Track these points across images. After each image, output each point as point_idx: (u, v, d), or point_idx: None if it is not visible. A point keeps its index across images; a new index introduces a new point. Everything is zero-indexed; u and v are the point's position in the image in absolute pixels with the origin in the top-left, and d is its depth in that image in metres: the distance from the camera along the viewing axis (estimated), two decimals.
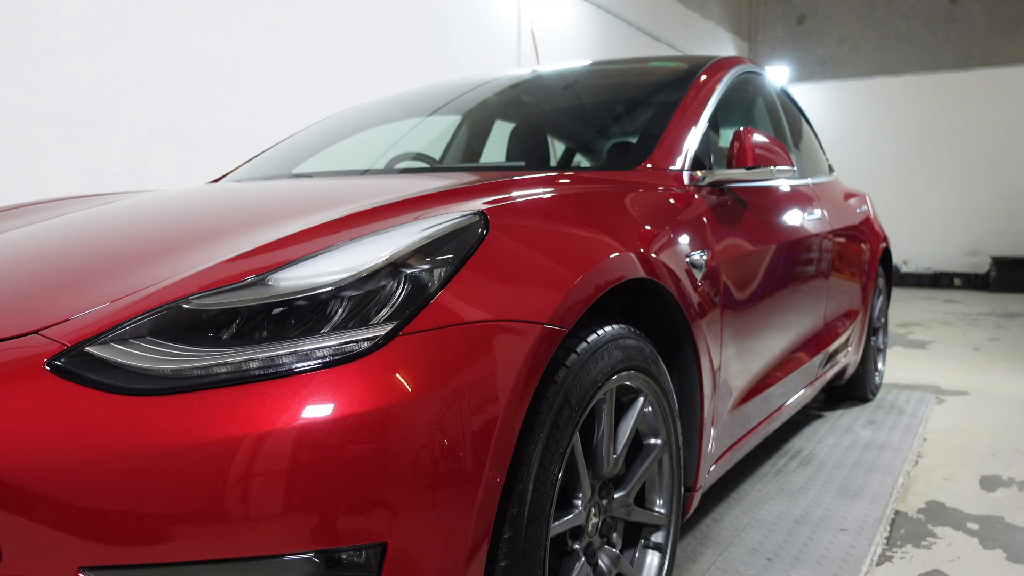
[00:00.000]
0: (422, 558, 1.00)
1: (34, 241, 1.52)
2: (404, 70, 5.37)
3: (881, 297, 3.91)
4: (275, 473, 0.93)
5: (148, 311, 1.04)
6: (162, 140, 3.95)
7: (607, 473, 1.39)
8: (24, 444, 0.93)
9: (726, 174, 1.99)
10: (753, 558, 2.03)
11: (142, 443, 0.93)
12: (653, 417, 1.50)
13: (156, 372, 0.98)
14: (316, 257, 1.11)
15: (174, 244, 1.33)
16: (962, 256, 10.52)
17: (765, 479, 2.66)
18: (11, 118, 3.36)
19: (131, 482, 0.92)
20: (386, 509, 0.96)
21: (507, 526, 1.09)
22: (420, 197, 1.37)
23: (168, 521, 0.92)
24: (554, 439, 1.16)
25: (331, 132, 2.79)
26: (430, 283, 1.09)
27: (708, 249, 1.78)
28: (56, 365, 0.99)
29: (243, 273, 1.09)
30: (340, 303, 1.05)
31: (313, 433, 0.94)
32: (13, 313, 1.12)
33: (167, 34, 3.96)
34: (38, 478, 0.92)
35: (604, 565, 1.40)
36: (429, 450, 0.99)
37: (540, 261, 1.24)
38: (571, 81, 2.73)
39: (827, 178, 3.38)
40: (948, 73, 10.57)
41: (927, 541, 2.16)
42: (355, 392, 0.97)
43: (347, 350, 1.00)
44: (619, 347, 1.34)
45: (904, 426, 3.35)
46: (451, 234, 1.15)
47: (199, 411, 0.95)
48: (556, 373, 1.20)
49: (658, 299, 1.60)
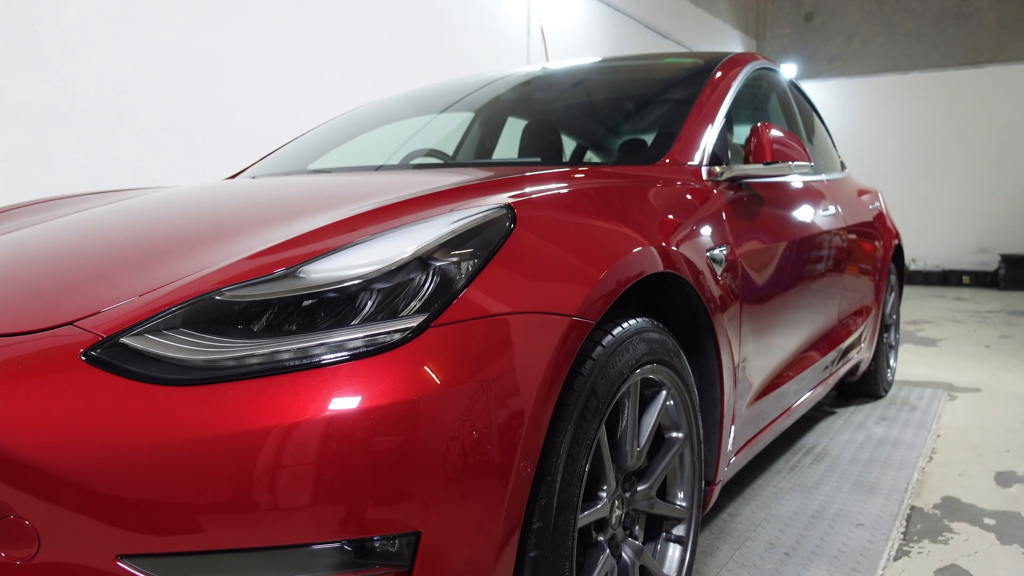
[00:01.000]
0: (455, 548, 1.01)
1: (60, 236, 1.53)
2: (412, 68, 5.38)
3: (893, 294, 3.90)
4: (309, 462, 0.94)
5: (181, 303, 1.05)
6: (172, 138, 3.97)
7: (630, 466, 1.39)
8: (61, 433, 0.94)
9: (744, 169, 1.99)
10: (771, 552, 2.04)
11: (177, 433, 0.94)
12: (675, 410, 1.51)
13: (190, 363, 0.99)
14: (346, 250, 1.12)
15: (200, 238, 1.34)
16: (971, 254, 10.49)
17: (780, 475, 2.66)
18: (22, 117, 3.38)
19: (166, 471, 0.93)
20: (420, 498, 0.97)
21: (536, 517, 1.10)
22: (446, 191, 1.37)
23: (203, 510, 0.93)
24: (581, 431, 1.17)
25: (344, 129, 2.80)
26: (459, 275, 1.09)
27: (727, 244, 1.79)
28: (92, 356, 1.00)
29: (274, 265, 1.10)
30: (370, 295, 1.06)
31: (346, 423, 0.95)
32: (47, 305, 1.13)
33: (176, 33, 3.98)
34: (75, 467, 0.93)
35: (627, 557, 1.41)
36: (462, 440, 0.99)
37: (566, 254, 1.24)
38: (586, 78, 2.74)
39: (840, 174, 3.37)
40: (957, 70, 10.53)
41: (944, 536, 2.16)
42: (388, 383, 0.97)
43: (379, 341, 1.01)
44: (643, 340, 1.35)
45: (917, 422, 3.35)
46: (479, 227, 1.16)
47: (233, 401, 0.96)
48: (583, 365, 1.20)
49: (679, 294, 1.60)
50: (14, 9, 3.32)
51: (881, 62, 11.02)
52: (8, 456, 0.93)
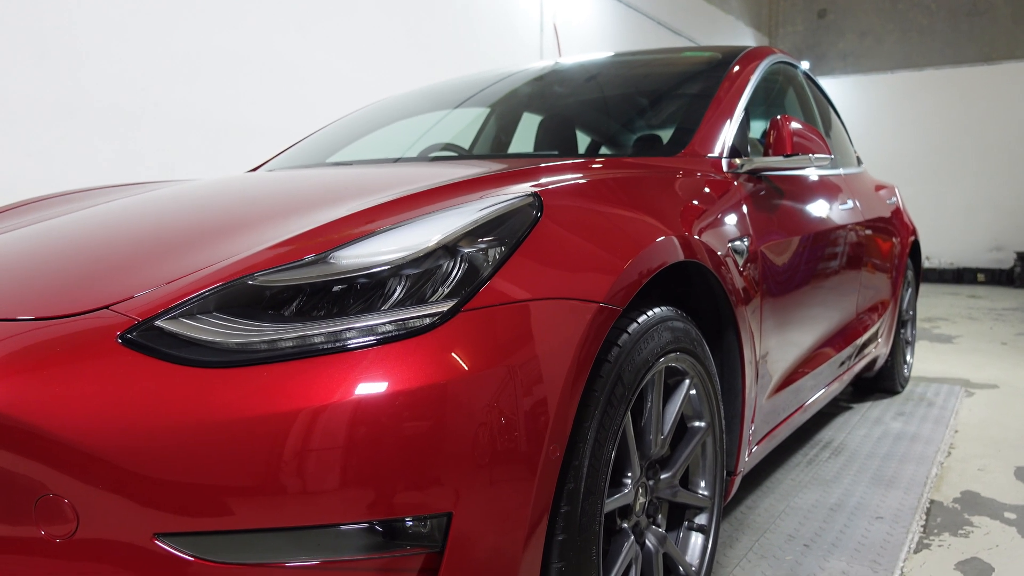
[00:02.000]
0: (485, 529, 1.01)
1: (90, 224, 1.55)
2: (427, 64, 5.40)
3: (910, 289, 3.89)
4: (341, 443, 0.95)
5: (214, 287, 1.07)
6: (192, 133, 4.00)
7: (654, 454, 1.40)
8: (97, 414, 0.95)
9: (765, 161, 2.00)
10: (790, 544, 2.04)
11: (211, 414, 0.95)
12: (698, 400, 1.52)
13: (223, 346, 1.00)
14: (376, 236, 1.13)
15: (228, 226, 1.35)
16: (986, 251, 10.42)
17: (798, 468, 2.66)
18: (47, 112, 3.41)
19: (201, 451, 0.94)
20: (451, 480, 0.98)
21: (564, 501, 1.11)
22: (471, 180, 1.38)
23: (238, 489, 0.94)
24: (608, 416, 1.18)
25: (361, 124, 2.82)
26: (488, 262, 1.10)
27: (748, 236, 1.79)
28: (128, 338, 1.01)
29: (304, 251, 1.11)
30: (400, 281, 1.07)
31: (378, 405, 0.96)
32: (82, 290, 1.15)
33: (196, 29, 4.01)
34: (112, 447, 0.94)
35: (651, 544, 1.41)
36: (492, 423, 1.00)
37: (592, 242, 1.25)
38: (602, 72, 2.74)
39: (857, 169, 3.36)
40: (971, 67, 10.46)
41: (964, 530, 2.15)
42: (419, 366, 0.98)
43: (410, 326, 1.02)
44: (668, 328, 1.35)
45: (935, 418, 3.33)
46: (506, 215, 1.17)
47: (266, 383, 0.97)
48: (609, 352, 1.21)
49: (701, 284, 1.61)
50: (39, 7, 3.35)
51: (895, 59, 10.96)
52: (46, 436, 0.94)
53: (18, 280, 1.27)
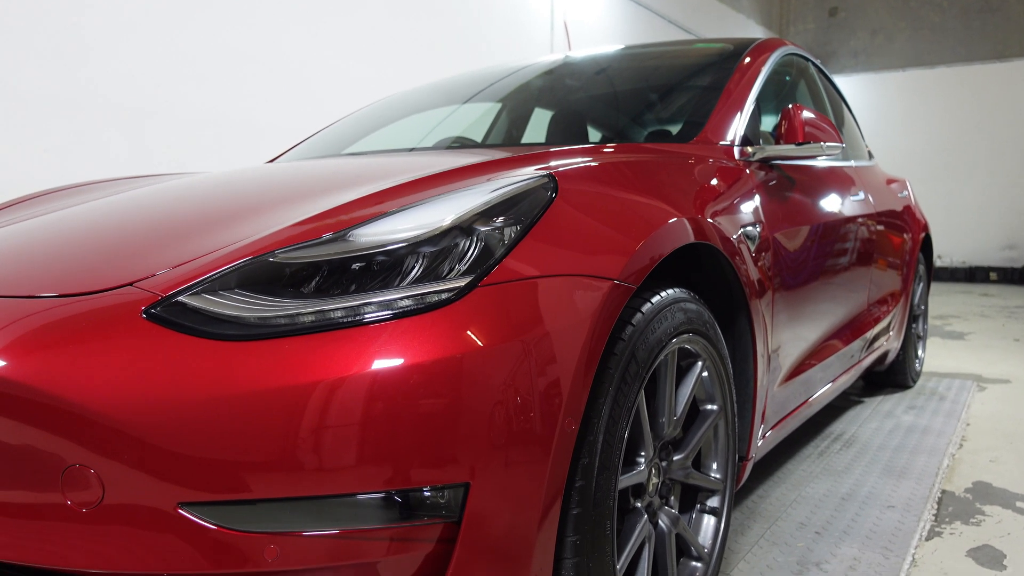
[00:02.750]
0: (502, 502, 1.03)
1: (111, 210, 1.58)
2: (436, 63, 5.42)
3: (921, 284, 3.88)
4: (360, 414, 0.96)
5: (235, 264, 1.09)
6: (201, 130, 4.03)
7: (667, 435, 1.41)
8: (123, 385, 0.97)
9: (776, 150, 2.00)
10: (802, 531, 2.04)
11: (233, 385, 0.97)
12: (710, 382, 1.53)
13: (245, 320, 1.02)
14: (393, 215, 1.15)
15: (247, 209, 1.37)
16: (998, 250, 10.36)
17: (809, 460, 2.66)
18: (56, 109, 3.45)
19: (224, 421, 0.96)
20: (469, 451, 1.00)
21: (579, 475, 1.12)
22: (488, 163, 1.40)
23: (260, 459, 0.96)
24: (622, 394, 1.19)
25: (372, 118, 2.84)
26: (504, 239, 1.12)
27: (760, 222, 1.80)
28: (152, 313, 1.03)
29: (323, 230, 1.13)
30: (418, 258, 1.09)
31: (396, 377, 0.97)
32: (106, 269, 1.17)
33: (205, 28, 4.04)
34: (137, 417, 0.96)
35: (664, 525, 1.43)
36: (509, 396, 1.02)
37: (606, 222, 1.27)
38: (614, 64, 2.75)
39: (869, 163, 3.36)
40: (984, 64, 10.41)
41: (976, 518, 2.15)
42: (437, 339, 1.00)
43: (428, 300, 1.03)
44: (681, 309, 1.37)
45: (946, 411, 3.33)
46: (523, 194, 1.19)
47: (287, 355, 0.99)
48: (623, 331, 1.23)
49: (713, 268, 1.62)
50: (50, 6, 3.39)
51: (906, 57, 10.92)
52: (72, 407, 0.96)
53: (41, 262, 1.30)
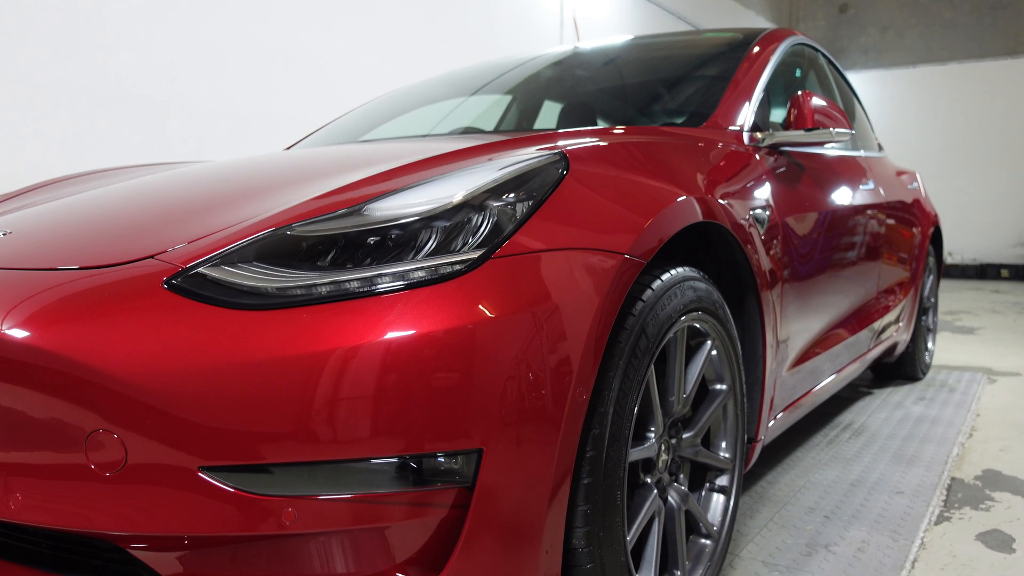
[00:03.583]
0: (515, 469, 1.05)
1: (131, 191, 1.61)
2: (447, 57, 5.44)
3: (931, 276, 3.87)
4: (374, 381, 0.98)
5: (253, 237, 1.11)
6: (218, 121, 4.07)
7: (677, 412, 1.43)
8: (146, 354, 1.00)
9: (786, 135, 2.02)
10: (810, 516, 2.05)
11: (252, 353, 0.99)
12: (719, 362, 1.54)
13: (262, 290, 1.05)
14: (408, 190, 1.17)
15: (265, 188, 1.40)
16: (1010, 247, 10.31)
17: (818, 448, 2.67)
18: (78, 101, 3.49)
19: (242, 388, 0.98)
20: (482, 416, 1.02)
21: (590, 445, 1.14)
22: (500, 142, 1.42)
23: (277, 424, 0.98)
24: (632, 367, 1.21)
25: (385, 109, 2.86)
26: (516, 214, 1.14)
27: (770, 207, 1.81)
28: (172, 284, 1.06)
29: (338, 205, 1.15)
30: (432, 232, 1.11)
31: (410, 345, 0.99)
32: (127, 243, 1.20)
33: (223, 21, 4.08)
34: (160, 385, 0.98)
35: (674, 501, 1.44)
36: (522, 363, 1.04)
37: (616, 200, 1.29)
38: (624, 54, 2.77)
39: (878, 154, 3.37)
40: (995, 60, 10.35)
41: (985, 504, 2.16)
42: (451, 308, 1.02)
43: (441, 271, 1.05)
44: (690, 288, 1.38)
45: (956, 402, 3.33)
46: (534, 171, 1.21)
47: (304, 323, 1.01)
48: (633, 306, 1.25)
49: (723, 250, 1.63)
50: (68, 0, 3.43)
51: (917, 53, 10.87)
52: (97, 374, 0.99)
53: (63, 238, 1.33)
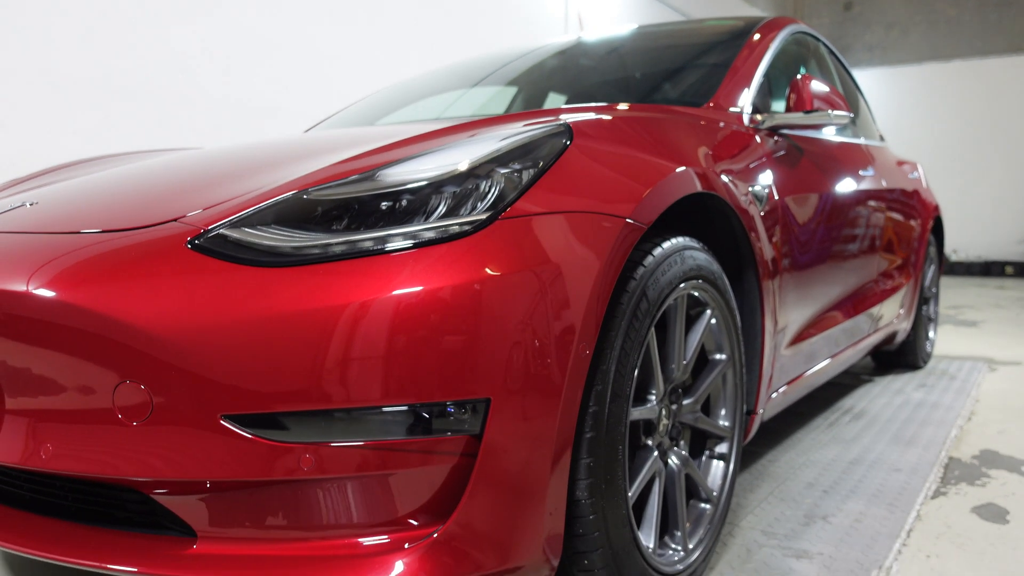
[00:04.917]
0: (521, 419, 1.10)
1: (153, 166, 1.67)
2: (453, 53, 5.50)
3: (932, 267, 3.91)
4: (386, 333, 1.04)
5: (271, 201, 1.17)
6: (227, 114, 4.14)
7: (677, 378, 1.48)
8: (169, 308, 1.06)
9: (786, 117, 2.07)
10: (809, 491, 2.10)
11: (270, 307, 1.05)
12: (718, 331, 1.59)
13: (280, 249, 1.10)
14: (418, 157, 1.22)
15: (281, 160, 1.45)
16: (1014, 244, 10.32)
17: (818, 430, 2.72)
18: (88, 94, 3.56)
19: (261, 340, 1.04)
20: (489, 367, 1.07)
21: (592, 401, 1.19)
22: (508, 115, 1.47)
23: (295, 374, 1.03)
24: (633, 328, 1.26)
25: (396, 97, 2.92)
26: (523, 179, 1.19)
27: (769, 185, 1.86)
28: (195, 244, 1.12)
29: (352, 172, 1.21)
30: (441, 197, 1.16)
31: (422, 300, 1.05)
32: (151, 208, 1.26)
33: (234, 15, 4.14)
34: (184, 338, 1.04)
35: (674, 464, 1.49)
36: (528, 317, 1.09)
37: (619, 169, 1.34)
38: (628, 43, 2.81)
39: (879, 143, 3.41)
40: (1000, 58, 10.37)
41: (981, 480, 2.20)
42: (460, 265, 1.07)
43: (451, 231, 1.11)
44: (691, 256, 1.43)
45: (956, 389, 3.37)
46: (539, 140, 1.26)
47: (320, 279, 1.06)
48: (635, 271, 1.30)
49: (722, 225, 1.68)
50: None
51: (922, 51, 10.89)
52: (125, 328, 1.05)
53: (88, 206, 1.38)
